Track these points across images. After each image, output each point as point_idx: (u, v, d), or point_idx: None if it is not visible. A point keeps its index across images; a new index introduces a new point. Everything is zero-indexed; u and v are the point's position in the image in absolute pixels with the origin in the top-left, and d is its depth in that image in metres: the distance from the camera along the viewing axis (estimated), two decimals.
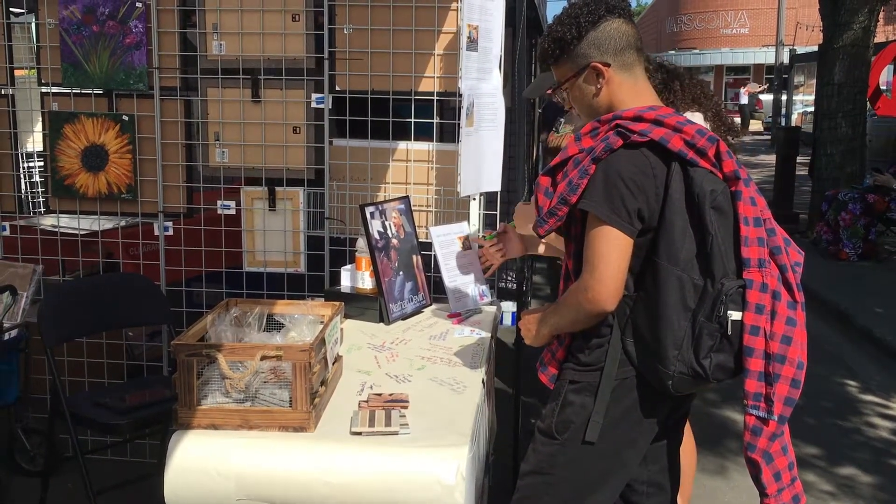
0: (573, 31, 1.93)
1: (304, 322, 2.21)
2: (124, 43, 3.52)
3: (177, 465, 1.91)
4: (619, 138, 1.84)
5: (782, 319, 1.81)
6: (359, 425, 1.98)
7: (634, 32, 1.97)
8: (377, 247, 2.87)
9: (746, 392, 1.82)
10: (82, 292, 3.35)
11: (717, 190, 1.83)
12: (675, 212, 1.82)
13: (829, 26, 8.87)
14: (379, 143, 3.46)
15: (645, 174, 1.83)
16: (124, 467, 3.55)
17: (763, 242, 1.85)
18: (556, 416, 1.97)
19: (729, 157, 1.86)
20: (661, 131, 1.84)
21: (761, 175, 14.19)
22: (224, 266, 3.63)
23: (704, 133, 1.86)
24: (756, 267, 1.81)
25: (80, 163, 3.59)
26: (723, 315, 1.79)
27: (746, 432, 1.85)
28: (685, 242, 1.81)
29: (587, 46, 1.94)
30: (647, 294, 1.87)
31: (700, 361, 1.81)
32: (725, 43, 37.64)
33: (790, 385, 1.81)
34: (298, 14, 3.44)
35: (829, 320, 6.48)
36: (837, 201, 7.93)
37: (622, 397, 1.93)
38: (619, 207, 1.81)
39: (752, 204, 1.86)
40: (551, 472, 1.98)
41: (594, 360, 1.94)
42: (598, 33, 1.93)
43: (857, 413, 4.67)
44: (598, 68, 1.94)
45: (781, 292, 1.83)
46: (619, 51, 1.94)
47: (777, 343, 1.80)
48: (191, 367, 1.96)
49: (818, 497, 3.68)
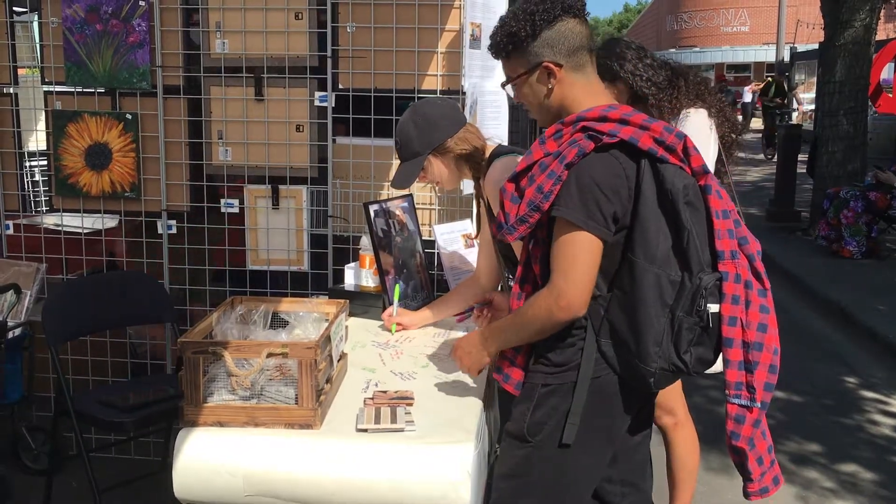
0: (528, 28, 1.92)
1: (309, 320, 2.22)
2: (127, 41, 3.53)
3: (185, 462, 1.92)
4: (590, 142, 1.83)
5: (756, 308, 1.83)
6: (364, 422, 1.98)
7: (588, 33, 1.96)
8: (381, 245, 2.88)
9: (728, 382, 1.83)
10: (86, 291, 3.36)
11: (689, 185, 1.84)
12: (648, 209, 1.82)
13: (831, 24, 8.86)
14: (382, 140, 3.46)
15: (617, 176, 1.83)
16: (128, 465, 3.56)
17: (732, 234, 1.86)
18: (528, 418, 1.95)
19: (696, 153, 1.87)
20: (629, 130, 1.83)
21: (762, 173, 14.20)
22: (227, 264, 3.64)
23: (672, 129, 1.87)
24: (730, 259, 1.83)
25: (84, 161, 3.59)
26: (703, 309, 1.80)
27: (729, 421, 1.85)
28: (660, 239, 1.82)
29: (541, 45, 1.92)
30: (624, 293, 1.86)
31: (681, 356, 1.83)
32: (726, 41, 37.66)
33: (768, 371, 1.83)
34: (301, 12, 3.44)
35: (830, 318, 6.48)
36: (839, 199, 7.93)
37: (594, 396, 1.92)
38: (595, 213, 1.81)
39: (719, 197, 1.88)
40: (526, 475, 1.97)
41: (566, 360, 1.93)
42: (552, 33, 1.92)
43: (859, 411, 4.67)
44: (551, 68, 1.93)
45: (752, 281, 1.86)
46: (572, 51, 1.93)
47: (753, 332, 1.82)
48: (197, 364, 1.96)
49: (820, 494, 3.68)
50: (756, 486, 1.90)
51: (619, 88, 2.89)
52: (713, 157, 2.82)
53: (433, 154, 2.50)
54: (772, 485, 1.92)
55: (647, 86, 2.82)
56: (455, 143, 2.47)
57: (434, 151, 2.50)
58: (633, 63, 2.84)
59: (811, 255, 8.20)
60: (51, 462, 3.30)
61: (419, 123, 2.49)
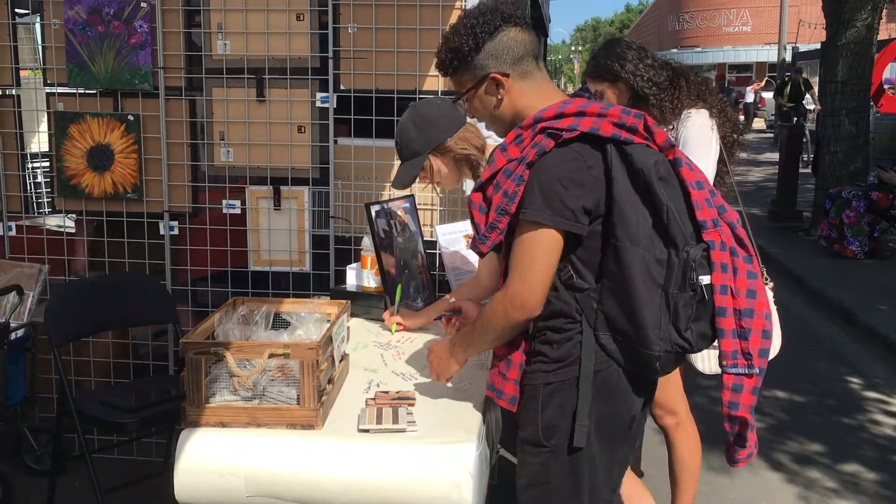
0: (470, 42, 1.92)
1: (311, 320, 2.22)
2: (129, 43, 3.53)
3: (186, 462, 1.92)
4: (550, 140, 1.82)
5: (743, 274, 1.83)
6: (366, 423, 1.98)
7: (531, 40, 1.97)
8: (382, 245, 2.88)
9: (723, 352, 1.82)
10: (88, 292, 3.37)
11: (659, 161, 1.83)
12: (623, 192, 1.80)
13: (832, 24, 8.85)
14: (383, 141, 3.47)
15: (579, 169, 1.81)
16: (131, 466, 3.57)
17: (711, 203, 1.86)
18: (539, 422, 1.92)
19: (658, 128, 1.86)
20: (588, 122, 1.82)
21: (765, 173, 14.18)
22: (229, 265, 3.65)
23: (629, 111, 1.85)
24: (712, 227, 1.82)
25: (86, 163, 3.60)
26: (696, 282, 1.79)
27: (727, 392, 1.84)
28: (640, 220, 1.80)
29: (485, 57, 1.93)
30: (614, 280, 1.84)
31: (683, 335, 1.81)
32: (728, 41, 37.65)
33: (762, 336, 1.82)
34: (303, 13, 3.45)
35: (833, 318, 6.48)
36: (841, 199, 7.93)
37: (601, 390, 1.89)
38: (561, 209, 1.79)
39: (691, 169, 1.87)
40: (547, 482, 1.95)
41: (564, 355, 1.90)
42: (495, 44, 1.92)
43: (862, 410, 4.67)
44: (498, 79, 1.93)
45: (736, 248, 1.85)
46: (517, 60, 1.93)
47: (743, 299, 1.82)
48: (199, 365, 1.96)
49: (822, 494, 3.68)
50: (745, 453, 1.91)
51: (619, 89, 2.90)
52: (715, 157, 2.82)
53: (433, 154, 2.51)
54: (755, 448, 1.94)
55: (648, 86, 2.83)
56: (455, 143, 2.48)
57: (434, 151, 2.50)
58: (634, 63, 2.84)
59: (813, 255, 8.20)
60: (53, 463, 3.31)
61: (419, 123, 2.50)
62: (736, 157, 2.96)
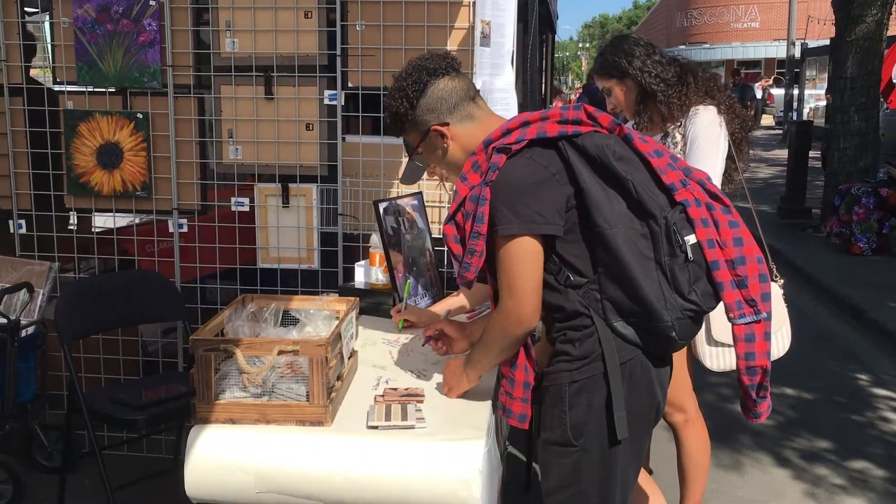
0: (404, 103, 2.03)
1: (320, 317, 2.23)
2: (138, 41, 3.54)
3: (196, 459, 1.93)
4: (501, 155, 1.86)
5: (725, 224, 1.84)
6: (375, 419, 1.99)
7: (463, 85, 2.05)
8: (391, 243, 2.88)
9: (727, 305, 1.83)
10: (98, 289, 3.38)
11: (612, 142, 1.86)
12: (587, 181, 1.83)
13: (842, 20, 8.82)
14: (391, 139, 3.47)
15: (536, 171, 1.84)
16: (141, 463, 3.58)
17: (674, 167, 1.89)
18: (567, 422, 1.92)
19: (600, 113, 1.90)
20: (533, 129, 1.87)
21: (774, 170, 14.14)
22: (238, 263, 3.66)
23: (567, 107, 1.90)
24: (682, 188, 1.85)
25: (95, 160, 3.61)
26: (681, 243, 1.82)
27: (741, 344, 1.85)
28: (612, 202, 1.83)
29: (422, 114, 2.03)
30: (606, 267, 1.86)
31: (688, 298, 1.83)
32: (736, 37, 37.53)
33: (760, 281, 1.83)
34: (311, 11, 3.45)
35: (842, 315, 6.46)
36: (850, 195, 7.90)
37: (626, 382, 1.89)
38: (531, 216, 1.82)
39: (644, 142, 1.90)
40: (578, 482, 1.93)
41: (587, 352, 1.89)
42: (427, 99, 2.02)
43: (871, 407, 4.66)
44: (439, 130, 2.03)
45: (712, 202, 1.87)
46: (452, 108, 2.02)
47: (731, 248, 1.83)
48: (208, 362, 1.97)
49: (830, 491, 3.68)
50: (766, 405, 1.91)
51: (627, 85, 2.89)
52: (723, 154, 2.81)
53: None
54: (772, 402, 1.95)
55: (656, 82, 2.82)
56: None
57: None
58: (642, 60, 2.84)
59: (822, 251, 8.18)
60: (64, 460, 3.33)
61: None
62: (745, 154, 2.95)
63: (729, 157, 2.86)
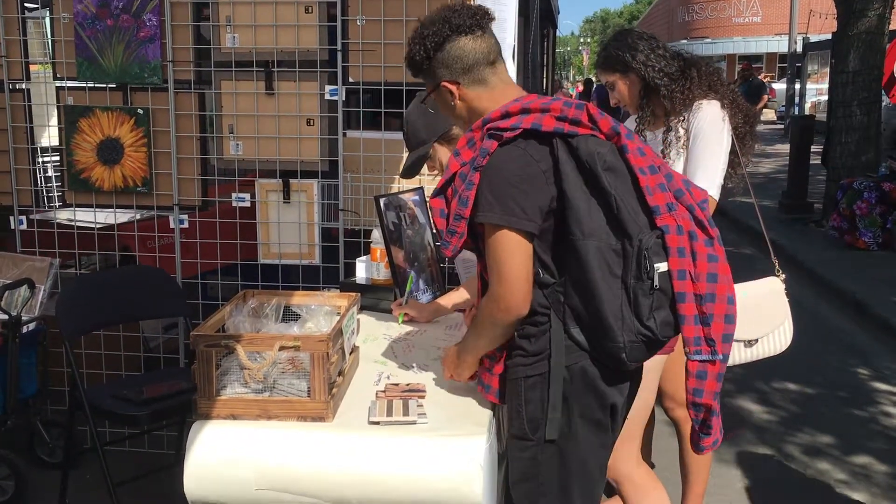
0: (421, 52, 1.98)
1: (321, 313, 2.22)
2: (138, 36, 3.54)
3: (197, 455, 1.92)
4: (492, 141, 1.84)
5: (703, 258, 1.80)
6: (376, 415, 1.98)
7: (485, 47, 1.97)
8: (392, 238, 2.88)
9: (686, 339, 1.81)
10: (99, 285, 3.38)
11: (604, 151, 1.82)
12: (572, 186, 1.80)
13: (843, 14, 8.79)
14: (392, 134, 3.46)
15: (527, 165, 1.82)
16: (142, 459, 3.59)
17: (664, 188, 1.83)
18: (524, 416, 1.94)
19: (602, 117, 1.85)
20: (530, 118, 1.83)
21: (776, 164, 14.12)
22: (239, 258, 3.65)
23: (571, 103, 1.85)
24: (666, 212, 1.80)
25: (96, 156, 3.61)
26: (650, 270, 1.77)
27: (691, 379, 1.83)
28: (592, 212, 1.80)
29: (436, 66, 1.98)
30: (573, 275, 1.84)
31: (645, 324, 1.80)
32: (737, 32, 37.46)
33: (725, 322, 1.80)
34: (311, 6, 3.44)
35: (845, 310, 6.45)
36: (852, 190, 7.88)
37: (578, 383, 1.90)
38: (513, 208, 1.80)
39: (641, 154, 1.85)
40: (536, 475, 1.95)
41: (540, 349, 1.91)
42: (444, 54, 1.96)
43: (873, 402, 4.65)
44: (449, 87, 1.98)
45: (696, 231, 1.83)
46: (467, 69, 1.96)
47: (704, 283, 1.79)
48: (210, 357, 1.97)
49: (833, 485, 3.67)
50: (710, 440, 1.90)
51: (630, 79, 2.88)
52: (727, 148, 2.80)
53: (439, 142, 2.52)
54: (720, 434, 1.92)
55: (660, 76, 2.81)
56: (460, 130, 2.48)
57: (440, 139, 2.51)
58: (645, 54, 2.82)
59: (824, 246, 8.17)
60: (66, 456, 3.33)
61: (424, 112, 2.50)
62: (749, 148, 2.94)
63: (732, 152, 2.85)
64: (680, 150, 2.77)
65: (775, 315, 2.84)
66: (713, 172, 2.72)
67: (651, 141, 2.85)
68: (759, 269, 2.96)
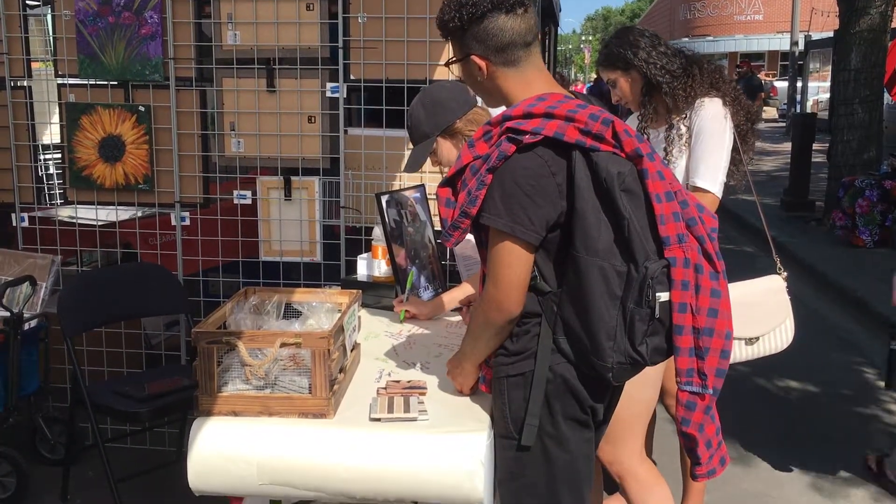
0: (456, 21, 1.90)
1: (322, 310, 2.23)
2: (140, 34, 3.54)
3: (199, 451, 1.93)
4: (511, 144, 1.79)
5: (707, 292, 1.78)
6: (378, 412, 1.98)
7: (523, 28, 1.89)
8: (393, 235, 2.88)
9: (678, 370, 1.80)
10: (101, 283, 3.39)
11: (625, 172, 1.76)
12: (585, 202, 1.76)
13: (846, 12, 8.78)
14: (394, 131, 3.46)
15: (542, 175, 1.78)
16: (144, 455, 3.59)
17: (678, 217, 1.79)
18: (507, 415, 1.93)
19: (628, 136, 1.79)
20: (553, 125, 1.77)
21: (777, 162, 14.11)
22: (240, 256, 3.66)
23: (598, 117, 1.78)
24: (676, 243, 1.77)
25: (97, 153, 3.61)
26: (651, 298, 1.75)
27: (680, 408, 1.83)
28: (601, 231, 1.76)
29: (470, 38, 1.89)
30: (571, 288, 1.82)
31: (637, 349, 1.78)
32: (739, 30, 37.39)
33: (720, 357, 1.79)
34: (313, 3, 3.45)
35: (845, 307, 6.44)
36: (854, 188, 7.87)
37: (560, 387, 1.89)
38: (520, 217, 1.78)
39: (661, 178, 1.80)
40: (522, 475, 1.95)
41: (521, 349, 1.91)
42: (479, 29, 1.87)
43: (874, 400, 4.65)
44: (478, 62, 1.91)
45: (703, 264, 1.80)
46: (500, 48, 1.88)
47: (704, 317, 1.78)
48: (211, 354, 1.97)
49: (834, 483, 3.67)
50: (704, 469, 1.90)
51: (632, 77, 2.88)
52: (728, 146, 2.80)
53: (442, 136, 2.50)
54: (718, 466, 1.92)
55: (661, 74, 2.80)
56: (464, 125, 2.47)
57: (443, 133, 2.50)
58: (647, 51, 2.82)
59: (826, 244, 8.16)
60: (67, 452, 3.33)
61: (428, 106, 2.50)
62: (751, 146, 2.94)
63: (734, 150, 2.85)
64: (682, 148, 2.77)
65: (776, 313, 2.84)
66: (716, 170, 2.72)
67: (653, 139, 2.85)
68: (761, 267, 2.96)
